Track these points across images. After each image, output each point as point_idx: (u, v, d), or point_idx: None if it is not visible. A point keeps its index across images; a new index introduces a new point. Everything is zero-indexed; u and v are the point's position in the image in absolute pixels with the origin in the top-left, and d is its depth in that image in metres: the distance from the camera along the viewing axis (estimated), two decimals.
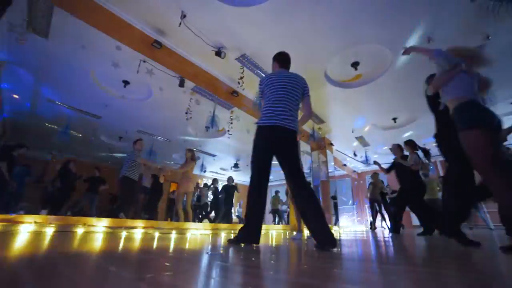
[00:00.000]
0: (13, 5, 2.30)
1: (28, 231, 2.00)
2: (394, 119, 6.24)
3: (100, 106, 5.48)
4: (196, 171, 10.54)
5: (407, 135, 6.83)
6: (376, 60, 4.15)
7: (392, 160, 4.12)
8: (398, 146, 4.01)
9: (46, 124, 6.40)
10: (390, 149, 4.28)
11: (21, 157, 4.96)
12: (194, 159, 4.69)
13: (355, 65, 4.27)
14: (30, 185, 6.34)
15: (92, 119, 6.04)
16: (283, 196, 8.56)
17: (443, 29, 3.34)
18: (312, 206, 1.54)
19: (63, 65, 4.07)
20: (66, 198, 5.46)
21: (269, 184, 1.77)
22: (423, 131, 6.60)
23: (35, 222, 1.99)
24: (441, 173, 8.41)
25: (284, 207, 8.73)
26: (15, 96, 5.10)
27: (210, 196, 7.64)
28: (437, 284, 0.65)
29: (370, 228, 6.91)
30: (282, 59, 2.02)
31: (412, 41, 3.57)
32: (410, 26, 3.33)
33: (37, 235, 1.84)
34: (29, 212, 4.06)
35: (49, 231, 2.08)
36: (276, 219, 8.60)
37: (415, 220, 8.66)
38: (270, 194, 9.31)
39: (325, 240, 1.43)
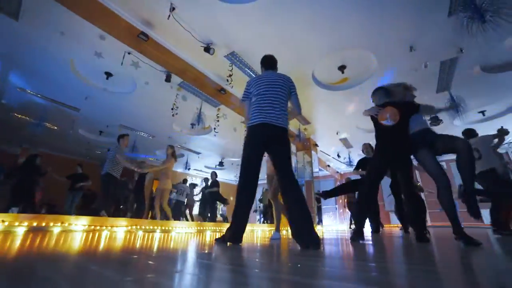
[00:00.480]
0: None
1: None
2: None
3: (80, 98, 5.17)
4: (180, 168, 10.34)
5: None
6: (362, 65, 4.30)
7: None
8: (369, 145, 4.12)
9: (16, 114, 5.93)
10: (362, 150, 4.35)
11: None
12: (175, 156, 4.57)
13: (342, 68, 4.40)
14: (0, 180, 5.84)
15: (69, 111, 5.69)
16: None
17: (423, 40, 3.53)
18: (299, 207, 1.55)
19: (37, 51, 3.78)
20: (26, 194, 4.89)
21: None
22: None
23: (2, 221, 1.84)
24: None
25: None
26: None
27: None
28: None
29: (350, 227, 7.17)
30: (267, 62, 2.07)
31: (395, 49, 3.74)
32: (394, 35, 3.48)
33: (5, 235, 1.70)
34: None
35: (21, 230, 1.93)
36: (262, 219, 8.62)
37: (394, 220, 9.10)
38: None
39: (309, 241, 1.46)
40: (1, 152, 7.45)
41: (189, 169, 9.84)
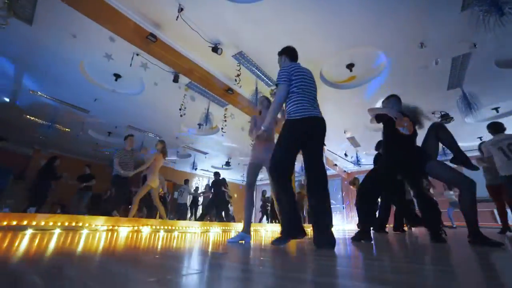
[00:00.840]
0: None
1: (15, 230, 1.89)
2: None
3: (89, 100, 5.26)
4: (187, 168, 10.40)
5: None
6: (371, 63, 4.24)
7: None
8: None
9: (28, 116, 6.07)
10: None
11: (0, 151, 4.68)
12: (164, 152, 4.27)
13: (350, 66, 4.34)
14: (13, 181, 6.00)
15: (79, 112, 5.79)
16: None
17: (434, 36, 3.45)
18: (324, 205, 1.52)
19: (49, 54, 3.86)
20: (43, 196, 5.05)
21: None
22: None
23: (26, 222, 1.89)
24: None
25: None
26: None
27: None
28: None
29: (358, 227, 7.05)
30: (293, 54, 1.99)
31: (405, 46, 3.67)
32: (403, 32, 3.41)
33: (30, 235, 1.74)
34: (15, 210, 3.83)
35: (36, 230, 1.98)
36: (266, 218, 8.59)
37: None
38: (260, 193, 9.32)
39: (325, 240, 1.44)
40: (13, 153, 7.64)
41: (196, 169, 9.89)
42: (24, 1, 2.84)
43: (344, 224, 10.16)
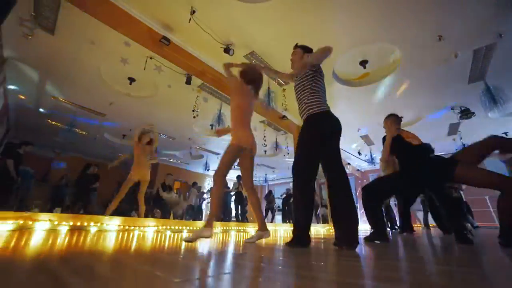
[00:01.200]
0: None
1: (44, 229, 1.98)
2: (401, 118, 6.20)
3: (105, 104, 5.45)
4: (199, 169, 10.54)
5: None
6: (384, 59, 4.12)
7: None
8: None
9: (49, 121, 6.37)
10: None
11: (26, 155, 4.93)
12: (141, 138, 3.78)
13: (363, 63, 4.24)
14: (37, 183, 6.32)
15: (96, 116, 6.01)
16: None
17: (454, 28, 3.30)
18: (344, 203, 1.49)
19: (69, 61, 4.03)
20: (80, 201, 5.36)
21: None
22: (427, 131, 6.57)
23: (50, 220, 1.97)
24: None
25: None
26: (22, 97, 5.07)
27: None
28: None
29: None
30: None
31: (421, 39, 3.53)
32: (420, 24, 3.29)
33: (54, 233, 1.82)
34: (42, 210, 4.07)
35: (63, 229, 2.06)
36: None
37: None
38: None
39: (346, 239, 1.41)
40: (36, 157, 8.03)
41: (208, 169, 10.00)
42: (47, 12, 2.98)
43: (360, 223, 9.92)
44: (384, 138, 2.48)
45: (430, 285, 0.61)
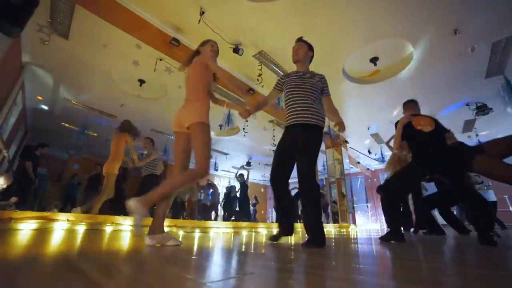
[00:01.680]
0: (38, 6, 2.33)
1: (63, 228, 2.04)
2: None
3: (116, 106, 5.55)
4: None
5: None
6: (396, 55, 4.03)
7: None
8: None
9: (63, 123, 6.54)
10: None
11: (42, 157, 5.09)
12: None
13: (374, 60, 4.16)
14: (51, 183, 6.52)
15: (107, 118, 6.13)
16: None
17: (471, 20, 3.18)
18: (307, 206, 1.59)
19: (82, 65, 4.12)
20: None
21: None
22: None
23: (68, 220, 2.03)
24: None
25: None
26: (40, 97, 5.22)
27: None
28: None
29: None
30: None
31: (436, 33, 3.43)
32: (435, 18, 3.19)
33: (72, 233, 1.87)
34: (61, 210, 4.22)
35: (81, 229, 2.11)
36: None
37: None
38: None
39: (312, 239, 1.49)
40: (52, 158, 8.27)
41: (217, 169, 10.06)
42: (62, 18, 3.06)
43: (369, 223, 9.78)
44: (396, 124, 2.38)
45: (443, 284, 0.58)
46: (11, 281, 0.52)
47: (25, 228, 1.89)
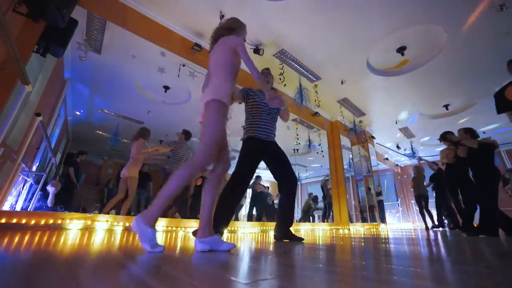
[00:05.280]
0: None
1: (104, 228, 2.21)
2: (446, 106, 5.62)
3: (143, 112, 5.87)
4: (230, 170, 10.74)
5: (462, 121, 6.09)
6: (426, 43, 3.77)
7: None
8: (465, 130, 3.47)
9: (97, 131, 7.07)
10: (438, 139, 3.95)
11: (81, 163, 5.56)
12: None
13: (401, 50, 3.94)
14: (90, 187, 7.08)
15: (136, 125, 6.51)
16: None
17: None
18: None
19: (113, 75, 4.43)
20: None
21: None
22: (481, 118, 5.86)
23: (107, 221, 2.20)
24: (508, 165, 7.42)
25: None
26: (77, 113, 5.71)
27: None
28: None
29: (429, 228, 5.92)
30: None
31: (478, 11, 3.11)
32: None
33: (109, 233, 2.01)
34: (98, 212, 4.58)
35: (118, 229, 2.27)
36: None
37: None
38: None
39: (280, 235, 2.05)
40: (88, 164, 8.99)
41: None
42: (96, 35, 3.32)
43: (400, 222, 9.18)
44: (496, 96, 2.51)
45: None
46: (72, 276, 0.58)
47: (73, 228, 2.08)
